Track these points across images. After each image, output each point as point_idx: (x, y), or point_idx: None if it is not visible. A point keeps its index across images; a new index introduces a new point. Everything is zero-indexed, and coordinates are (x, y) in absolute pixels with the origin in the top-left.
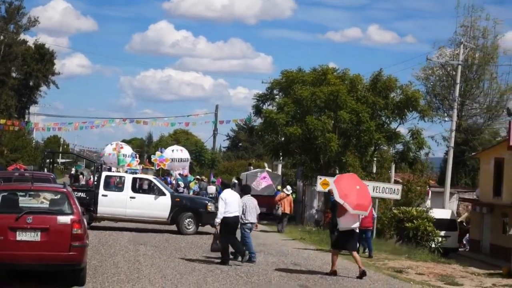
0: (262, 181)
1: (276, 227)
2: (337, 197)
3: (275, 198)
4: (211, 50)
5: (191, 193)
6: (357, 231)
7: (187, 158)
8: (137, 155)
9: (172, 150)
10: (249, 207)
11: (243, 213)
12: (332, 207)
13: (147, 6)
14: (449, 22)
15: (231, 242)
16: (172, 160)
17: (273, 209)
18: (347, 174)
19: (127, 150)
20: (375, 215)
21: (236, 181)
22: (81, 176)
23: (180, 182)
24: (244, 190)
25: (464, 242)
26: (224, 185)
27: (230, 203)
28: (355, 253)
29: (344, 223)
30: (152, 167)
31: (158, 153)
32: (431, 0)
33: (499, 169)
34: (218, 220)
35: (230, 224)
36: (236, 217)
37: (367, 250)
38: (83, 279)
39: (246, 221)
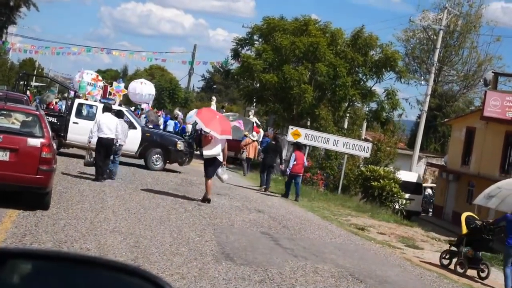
0: (237, 123)
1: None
2: (203, 127)
3: (240, 143)
4: None
5: None
6: (220, 159)
7: (151, 94)
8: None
9: (141, 83)
10: (120, 130)
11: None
12: (263, 150)
13: None
14: None
15: (101, 160)
16: (138, 94)
17: (239, 154)
18: (205, 108)
19: (88, 77)
20: (306, 163)
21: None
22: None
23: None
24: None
25: None
26: (106, 109)
27: (103, 125)
28: (209, 181)
29: (207, 152)
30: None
31: (115, 83)
32: None
33: (469, 138)
34: (91, 139)
35: (103, 144)
36: (108, 139)
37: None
38: (47, 204)
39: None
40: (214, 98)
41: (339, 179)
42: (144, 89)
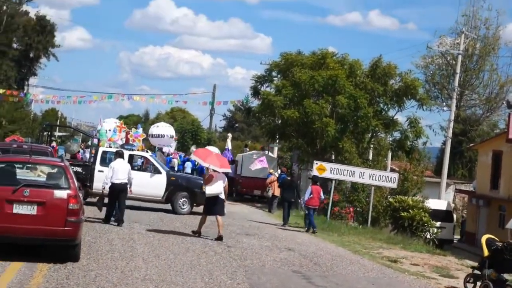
0: (258, 163)
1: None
2: (202, 163)
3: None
4: (211, 29)
5: None
6: (222, 197)
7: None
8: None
9: (157, 126)
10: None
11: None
12: (280, 185)
13: None
14: (451, 11)
15: (118, 204)
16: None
17: (265, 192)
18: (201, 148)
19: (110, 124)
20: (323, 197)
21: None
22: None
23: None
24: (117, 154)
25: None
26: (118, 155)
27: (117, 171)
28: (219, 217)
29: (210, 190)
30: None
31: (133, 129)
32: None
33: (497, 161)
34: (105, 185)
35: (117, 189)
36: (122, 184)
37: (311, 227)
38: (77, 255)
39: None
40: (229, 135)
41: (367, 212)
42: (162, 132)
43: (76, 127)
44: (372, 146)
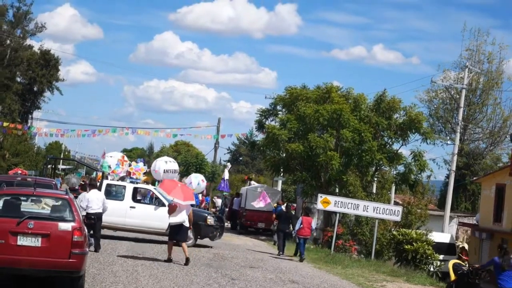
0: (261, 201)
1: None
2: (167, 196)
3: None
4: (216, 63)
5: None
6: (187, 225)
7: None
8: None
9: (166, 162)
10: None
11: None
12: (277, 216)
13: (153, 16)
14: (454, 45)
15: (94, 233)
16: (165, 171)
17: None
18: (167, 179)
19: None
20: (314, 227)
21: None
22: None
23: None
24: (91, 185)
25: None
26: (91, 186)
27: (92, 201)
28: (184, 244)
29: (173, 219)
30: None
31: (134, 162)
32: (436, 22)
33: (500, 195)
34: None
35: (93, 218)
36: (97, 213)
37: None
38: (82, 287)
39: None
40: (228, 164)
41: (371, 245)
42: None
43: (80, 160)
44: (376, 179)
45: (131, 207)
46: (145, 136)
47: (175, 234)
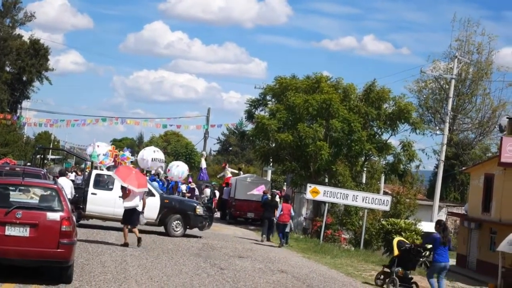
0: (257, 191)
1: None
2: (122, 183)
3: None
4: (206, 53)
5: None
6: (139, 209)
7: (161, 159)
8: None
9: (154, 151)
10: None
11: None
12: (262, 205)
13: (143, 6)
14: (444, 36)
15: None
16: (153, 159)
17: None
18: (122, 166)
19: (101, 149)
20: (293, 213)
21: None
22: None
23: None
24: (60, 174)
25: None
26: (61, 173)
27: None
28: (133, 228)
29: (127, 203)
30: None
31: (120, 152)
32: (426, 13)
33: (489, 185)
34: None
35: None
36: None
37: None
38: (70, 277)
39: None
40: (204, 153)
41: (360, 234)
42: (150, 156)
43: (69, 150)
44: (365, 169)
45: (120, 197)
46: (135, 126)
47: (128, 218)
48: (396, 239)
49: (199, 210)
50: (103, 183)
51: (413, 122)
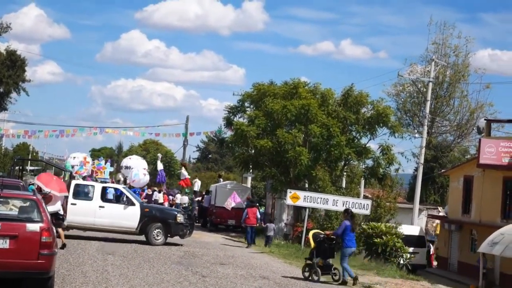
0: (231, 200)
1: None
2: (44, 188)
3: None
4: (184, 61)
5: None
6: (61, 212)
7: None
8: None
9: (130, 158)
10: None
11: None
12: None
13: (120, 15)
14: (421, 39)
15: None
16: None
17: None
18: (43, 173)
19: (76, 160)
20: (259, 216)
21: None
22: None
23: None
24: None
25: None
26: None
27: None
28: (60, 230)
29: (51, 208)
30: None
31: (96, 161)
32: (403, 17)
33: (468, 186)
34: None
35: None
36: None
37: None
38: None
39: None
40: (159, 155)
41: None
42: (134, 164)
43: (48, 160)
44: (345, 174)
45: (100, 206)
46: (114, 136)
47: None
48: (311, 232)
49: (180, 218)
50: (82, 193)
51: (391, 125)
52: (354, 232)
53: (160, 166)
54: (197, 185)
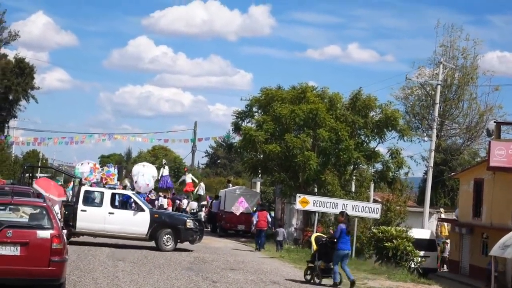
0: (240, 205)
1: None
2: (44, 193)
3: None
4: (191, 67)
5: None
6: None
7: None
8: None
9: (143, 166)
10: None
11: None
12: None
13: (126, 21)
14: (428, 42)
15: None
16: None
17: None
18: (42, 178)
19: (84, 167)
20: (270, 219)
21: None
22: None
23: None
24: None
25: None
26: None
27: None
28: None
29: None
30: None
31: (105, 168)
32: (409, 20)
33: (478, 189)
34: None
35: None
36: None
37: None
38: None
39: None
40: (164, 161)
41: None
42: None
43: (58, 167)
44: (354, 178)
45: (109, 213)
46: (123, 142)
47: None
48: (314, 235)
49: (190, 223)
50: (92, 200)
51: (400, 129)
52: (349, 235)
53: (165, 172)
54: (202, 189)
